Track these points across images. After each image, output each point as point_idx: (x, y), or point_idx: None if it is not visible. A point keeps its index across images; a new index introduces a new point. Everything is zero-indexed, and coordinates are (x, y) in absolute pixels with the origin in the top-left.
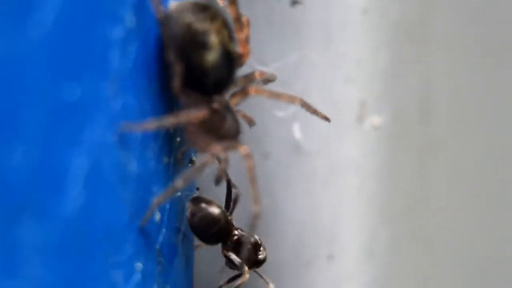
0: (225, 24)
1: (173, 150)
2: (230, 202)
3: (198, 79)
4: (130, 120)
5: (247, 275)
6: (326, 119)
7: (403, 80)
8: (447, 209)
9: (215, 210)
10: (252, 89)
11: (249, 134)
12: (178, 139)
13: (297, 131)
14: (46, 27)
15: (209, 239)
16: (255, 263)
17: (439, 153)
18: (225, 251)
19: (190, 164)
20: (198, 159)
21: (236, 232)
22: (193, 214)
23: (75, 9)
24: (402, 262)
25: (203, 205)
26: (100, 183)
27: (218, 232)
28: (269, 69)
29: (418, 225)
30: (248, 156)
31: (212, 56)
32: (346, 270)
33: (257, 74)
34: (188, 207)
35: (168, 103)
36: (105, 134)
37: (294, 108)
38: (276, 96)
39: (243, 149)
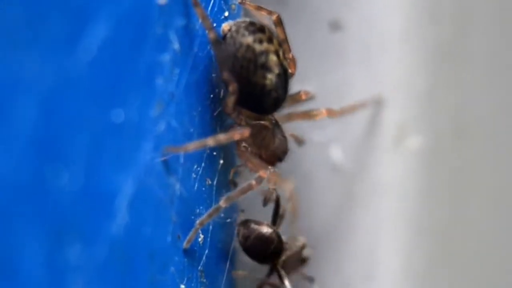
0: (280, 44)
1: (216, 172)
2: (277, 219)
3: (256, 98)
4: (174, 143)
5: None
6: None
7: (441, 103)
8: (484, 231)
9: (268, 231)
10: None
11: (288, 156)
12: (221, 161)
13: (335, 153)
14: (94, 51)
15: (263, 259)
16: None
17: (476, 176)
18: (277, 268)
19: (231, 185)
20: (241, 180)
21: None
22: (246, 237)
23: (123, 34)
24: (439, 284)
25: (255, 226)
26: (145, 205)
27: (272, 252)
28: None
29: (455, 246)
30: (292, 193)
31: (272, 75)
32: None
33: (302, 94)
34: (239, 230)
35: (211, 125)
36: (150, 156)
37: (332, 131)
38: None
39: (289, 186)
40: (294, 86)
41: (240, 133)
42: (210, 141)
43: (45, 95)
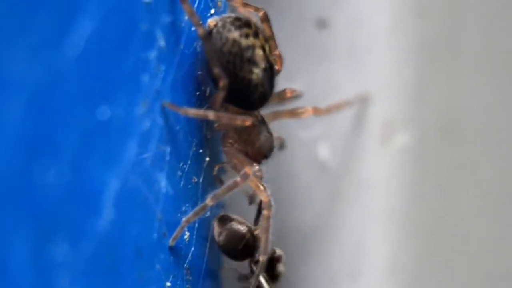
0: (266, 39)
1: (202, 170)
2: (259, 219)
3: (243, 93)
4: (159, 140)
5: None
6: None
7: (427, 100)
8: (471, 228)
9: (240, 228)
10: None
11: (275, 154)
12: (207, 159)
13: (321, 151)
14: (80, 48)
15: (237, 256)
16: (273, 276)
17: (463, 173)
18: (252, 265)
19: (217, 182)
20: (227, 178)
21: None
22: (219, 233)
23: (109, 31)
24: (426, 280)
25: (229, 223)
26: (130, 202)
27: (244, 248)
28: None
29: (441, 244)
30: (269, 205)
31: (258, 70)
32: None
33: (288, 92)
34: (214, 226)
35: (198, 123)
36: (135, 153)
37: (319, 128)
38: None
39: (266, 198)
40: (281, 84)
41: (242, 119)
42: (211, 115)
43: (31, 92)
